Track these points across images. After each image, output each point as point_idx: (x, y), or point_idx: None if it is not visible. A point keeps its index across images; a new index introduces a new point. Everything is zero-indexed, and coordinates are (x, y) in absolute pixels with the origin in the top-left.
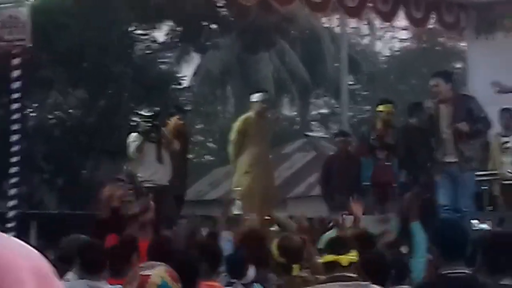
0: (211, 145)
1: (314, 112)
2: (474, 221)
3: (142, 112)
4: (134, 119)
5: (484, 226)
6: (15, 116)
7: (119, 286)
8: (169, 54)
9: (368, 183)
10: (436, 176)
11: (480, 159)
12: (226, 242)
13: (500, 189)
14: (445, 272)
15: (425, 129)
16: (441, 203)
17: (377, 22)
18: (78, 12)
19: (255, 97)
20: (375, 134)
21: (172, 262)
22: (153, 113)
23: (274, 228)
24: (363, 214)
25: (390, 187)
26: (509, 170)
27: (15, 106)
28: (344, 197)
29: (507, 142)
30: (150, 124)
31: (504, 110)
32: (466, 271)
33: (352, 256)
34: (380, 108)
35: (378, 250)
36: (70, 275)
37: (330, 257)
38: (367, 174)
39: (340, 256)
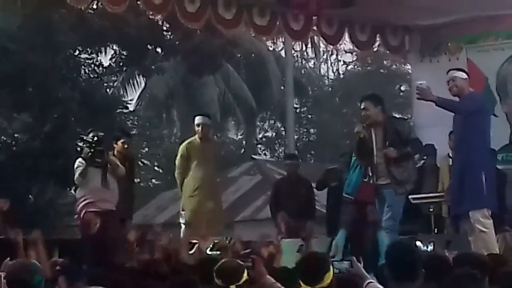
0: (157, 169)
1: (260, 135)
2: (418, 243)
3: (86, 137)
4: (79, 144)
5: (429, 248)
6: None
7: None
8: (114, 78)
9: (351, 198)
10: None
11: (414, 180)
12: None
13: (448, 211)
14: None
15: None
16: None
17: (322, 45)
18: (21, 35)
19: (198, 120)
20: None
21: None
22: (97, 138)
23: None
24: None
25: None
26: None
27: None
28: (295, 221)
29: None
30: (93, 149)
31: (452, 132)
32: None
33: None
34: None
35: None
36: None
37: None
38: (352, 188)
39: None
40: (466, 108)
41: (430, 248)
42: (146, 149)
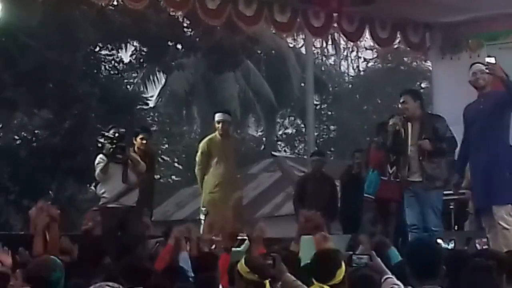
0: (177, 165)
1: (280, 132)
2: (439, 241)
3: (108, 133)
4: (100, 140)
5: (450, 245)
6: None
7: None
8: (134, 74)
9: (372, 197)
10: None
11: (446, 178)
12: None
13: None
14: None
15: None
16: (409, 223)
17: (343, 42)
18: (42, 32)
19: (218, 117)
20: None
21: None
22: (118, 134)
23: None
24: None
25: (394, 205)
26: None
27: None
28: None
29: None
30: (115, 145)
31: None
32: None
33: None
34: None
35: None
36: None
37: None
38: (373, 188)
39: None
40: None
41: (451, 245)
42: (166, 145)
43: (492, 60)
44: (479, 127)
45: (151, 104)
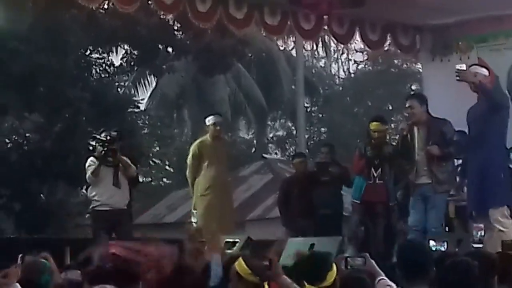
0: (168, 168)
1: (270, 135)
2: (432, 242)
3: (99, 136)
4: (91, 143)
5: (443, 247)
6: None
7: None
8: (125, 78)
9: (358, 201)
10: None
11: (454, 181)
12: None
13: (455, 211)
14: None
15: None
16: (410, 224)
17: (333, 45)
18: (32, 36)
19: (209, 120)
20: (371, 150)
21: None
22: (109, 137)
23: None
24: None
25: (381, 206)
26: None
27: None
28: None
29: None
30: (106, 148)
31: (458, 132)
32: None
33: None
34: (371, 126)
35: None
36: None
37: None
38: (358, 192)
39: None
40: (500, 100)
41: (444, 247)
42: (157, 148)
43: (462, 66)
44: (474, 130)
45: (142, 107)
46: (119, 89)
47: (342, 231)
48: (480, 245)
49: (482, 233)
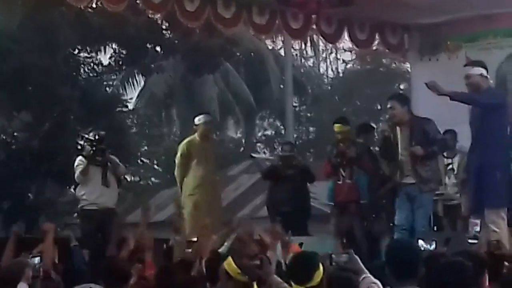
0: (156, 167)
1: (259, 134)
2: (421, 242)
3: (87, 136)
4: (80, 142)
5: (431, 246)
6: None
7: None
8: (113, 77)
9: (332, 203)
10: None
11: (439, 180)
12: None
13: (444, 210)
14: None
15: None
16: (397, 223)
17: (322, 44)
18: (21, 35)
19: (198, 119)
20: (336, 152)
21: None
22: (98, 137)
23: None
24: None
25: (353, 205)
26: (452, 191)
27: None
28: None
29: (450, 163)
30: (95, 148)
31: (447, 131)
32: None
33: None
34: (334, 128)
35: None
36: None
37: None
38: (330, 195)
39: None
40: (487, 101)
41: (433, 247)
42: (146, 147)
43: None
44: (473, 129)
45: (131, 106)
46: (107, 88)
47: (307, 228)
48: (475, 241)
49: (478, 229)
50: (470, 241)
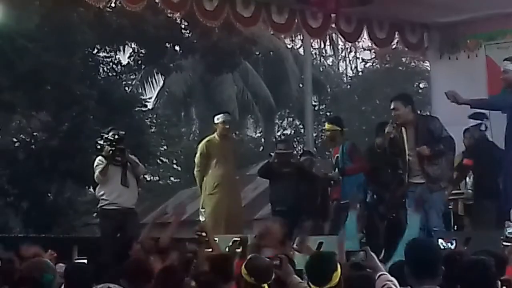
0: (176, 167)
1: (278, 133)
2: (440, 241)
3: (107, 135)
4: (99, 142)
5: (451, 245)
6: None
7: None
8: (132, 76)
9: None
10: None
11: (449, 177)
12: None
13: (464, 209)
14: None
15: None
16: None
17: (341, 43)
18: (39, 35)
19: (218, 118)
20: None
21: None
22: (117, 136)
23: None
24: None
25: (336, 204)
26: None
27: None
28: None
29: None
30: (114, 148)
31: (467, 130)
32: None
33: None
34: (325, 127)
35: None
36: None
37: None
38: None
39: None
40: (506, 104)
41: (453, 246)
42: (165, 147)
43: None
44: (507, 124)
45: (150, 106)
46: (126, 88)
47: (323, 228)
48: (509, 244)
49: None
50: (504, 244)
